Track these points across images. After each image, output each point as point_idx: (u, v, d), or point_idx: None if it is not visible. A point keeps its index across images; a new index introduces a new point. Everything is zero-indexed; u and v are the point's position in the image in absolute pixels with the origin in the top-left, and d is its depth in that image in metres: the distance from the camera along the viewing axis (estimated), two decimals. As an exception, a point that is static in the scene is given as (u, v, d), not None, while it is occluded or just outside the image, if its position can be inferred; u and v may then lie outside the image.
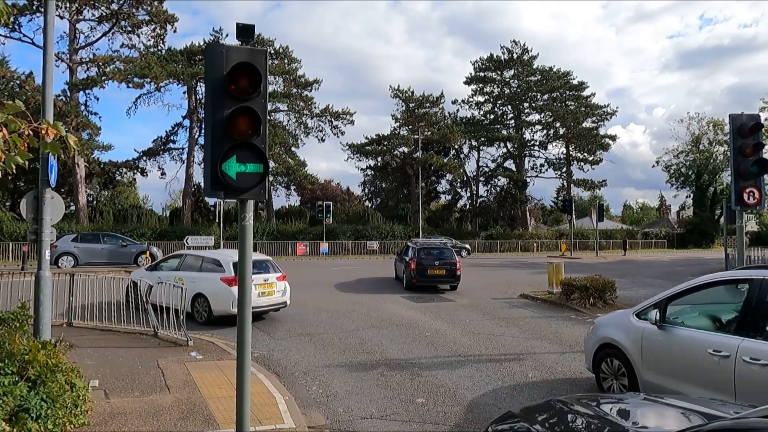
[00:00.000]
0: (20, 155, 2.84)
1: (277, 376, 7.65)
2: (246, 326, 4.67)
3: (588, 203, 67.79)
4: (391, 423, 5.95)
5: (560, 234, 54.09)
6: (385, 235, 43.80)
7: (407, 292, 16.96)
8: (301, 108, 47.34)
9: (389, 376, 7.72)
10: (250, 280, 4.77)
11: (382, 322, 11.82)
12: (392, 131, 51.79)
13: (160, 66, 38.43)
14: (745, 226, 9.67)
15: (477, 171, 57.75)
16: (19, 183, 40.76)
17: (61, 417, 5.00)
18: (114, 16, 38.12)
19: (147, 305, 9.90)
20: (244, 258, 4.68)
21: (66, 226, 31.16)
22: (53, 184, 7.28)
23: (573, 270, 20.64)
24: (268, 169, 4.52)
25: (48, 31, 7.21)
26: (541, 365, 8.38)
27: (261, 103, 4.55)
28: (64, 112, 33.56)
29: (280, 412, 5.98)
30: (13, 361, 5.02)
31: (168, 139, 44.73)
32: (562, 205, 49.78)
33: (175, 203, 57.30)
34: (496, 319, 12.24)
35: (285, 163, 45.29)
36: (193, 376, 7.34)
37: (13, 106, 2.71)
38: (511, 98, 55.28)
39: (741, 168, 8.75)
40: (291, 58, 46.66)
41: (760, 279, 4.89)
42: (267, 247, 36.86)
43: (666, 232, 61.43)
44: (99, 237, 26.30)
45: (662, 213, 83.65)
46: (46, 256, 7.33)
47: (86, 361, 7.65)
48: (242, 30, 4.73)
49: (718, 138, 57.88)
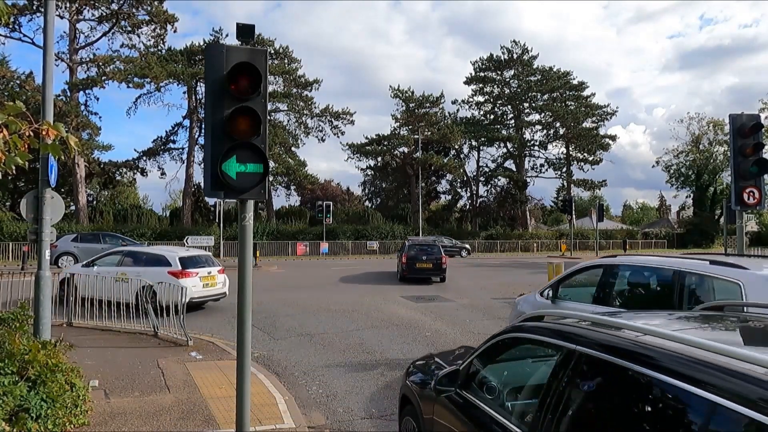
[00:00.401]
0: (20, 156, 2.84)
1: (277, 376, 7.66)
2: (246, 326, 4.67)
3: (588, 203, 67.76)
4: (391, 423, 5.95)
5: (560, 234, 54.07)
6: (385, 235, 43.80)
7: (407, 292, 16.96)
8: (301, 108, 47.34)
9: (389, 376, 7.72)
10: (250, 280, 4.78)
11: (383, 322, 11.82)
12: (392, 131, 51.81)
13: (160, 66, 38.45)
14: (745, 226, 9.67)
15: (477, 171, 57.77)
16: (19, 183, 40.77)
17: (61, 417, 5.00)
18: (114, 16, 38.13)
19: (147, 305, 9.91)
20: (243, 258, 4.68)
21: (66, 226, 31.17)
22: (53, 184, 7.28)
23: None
24: (268, 169, 4.52)
25: (48, 31, 7.21)
26: (541, 365, 8.38)
27: (261, 103, 4.55)
28: (64, 112, 33.57)
29: (280, 412, 5.98)
30: (13, 361, 5.02)
31: (168, 139, 44.73)
32: (562, 205, 49.78)
33: (175, 203, 57.30)
34: (496, 319, 12.24)
35: (285, 163, 45.30)
36: (193, 376, 7.34)
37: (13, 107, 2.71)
38: (511, 98, 55.26)
39: (741, 168, 8.76)
40: (291, 58, 46.67)
41: (608, 264, 6.58)
42: (267, 247, 36.85)
43: (666, 232, 61.41)
44: (99, 237, 26.31)
45: (662, 213, 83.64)
46: (46, 256, 7.33)
47: (86, 361, 7.65)
48: (242, 30, 4.74)
49: (718, 138, 57.84)
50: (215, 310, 13.06)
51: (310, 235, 41.07)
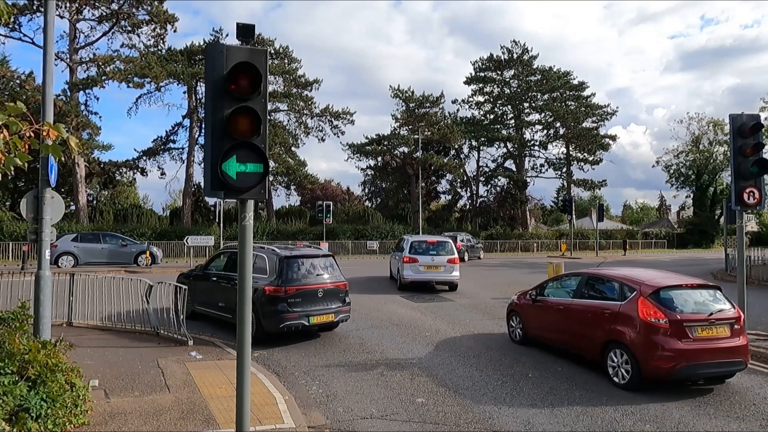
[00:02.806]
0: (20, 157, 2.84)
1: (277, 376, 7.66)
2: (246, 326, 4.68)
3: (588, 203, 67.75)
4: (391, 423, 5.96)
5: (560, 234, 54.03)
6: (385, 235, 43.77)
7: (407, 292, 16.93)
8: (301, 108, 47.29)
9: (389, 376, 7.73)
10: (250, 280, 4.78)
11: (382, 322, 11.82)
12: (392, 131, 51.76)
13: (160, 66, 38.38)
14: (745, 226, 9.67)
15: (477, 171, 57.73)
16: (19, 183, 40.75)
17: (61, 417, 5.01)
18: (114, 16, 38.09)
19: (147, 305, 9.90)
20: (244, 258, 4.69)
21: (66, 225, 31.13)
22: (53, 183, 7.29)
23: (573, 270, 20.61)
24: (268, 169, 4.53)
25: (48, 30, 7.21)
26: (541, 364, 8.39)
27: (261, 103, 4.55)
28: (64, 112, 33.53)
29: (280, 412, 5.98)
30: (13, 360, 5.02)
31: (168, 139, 44.66)
32: (562, 205, 49.77)
33: (175, 203, 57.26)
34: (495, 319, 12.24)
35: (285, 163, 45.26)
36: (193, 375, 7.34)
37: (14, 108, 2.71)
38: (511, 98, 55.22)
39: (741, 168, 8.77)
40: (291, 58, 46.61)
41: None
42: (267, 247, 36.81)
43: (666, 232, 61.40)
44: (99, 237, 26.27)
45: (662, 213, 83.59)
46: (46, 256, 7.34)
47: (86, 360, 7.65)
48: (242, 30, 4.73)
49: (718, 138, 57.81)
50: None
51: (310, 235, 41.03)
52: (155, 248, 27.18)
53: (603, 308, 7.83)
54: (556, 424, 5.96)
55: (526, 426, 5.91)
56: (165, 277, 12.23)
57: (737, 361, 7.17)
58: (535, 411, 6.37)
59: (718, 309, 7.28)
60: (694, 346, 6.91)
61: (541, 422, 6.01)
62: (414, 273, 17.14)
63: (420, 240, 18.31)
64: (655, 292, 7.27)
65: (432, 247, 17.69)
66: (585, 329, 8.08)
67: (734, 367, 7.26)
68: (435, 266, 17.24)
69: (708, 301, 7.43)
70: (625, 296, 7.54)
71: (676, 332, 6.92)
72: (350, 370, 7.99)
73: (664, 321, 6.98)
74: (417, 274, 17.13)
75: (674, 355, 6.83)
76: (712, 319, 7.13)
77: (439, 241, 18.25)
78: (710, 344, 7.02)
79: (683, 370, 6.89)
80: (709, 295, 7.54)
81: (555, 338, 8.93)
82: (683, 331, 6.95)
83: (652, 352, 6.94)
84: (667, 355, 6.85)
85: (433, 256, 17.33)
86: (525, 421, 6.03)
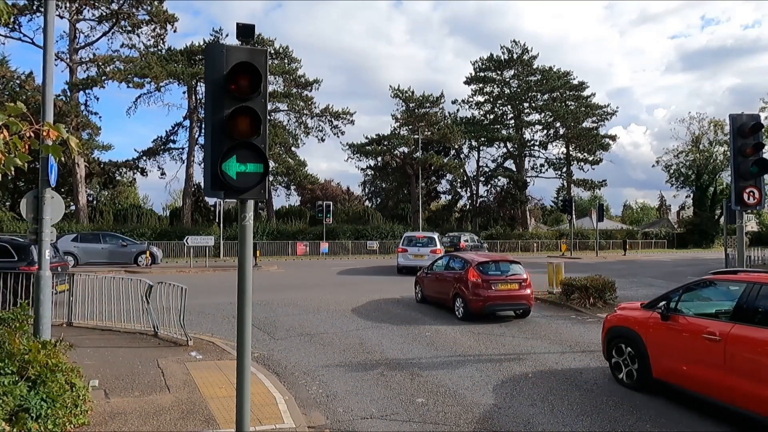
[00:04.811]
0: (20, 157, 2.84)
1: (277, 376, 7.66)
2: (246, 326, 4.67)
3: (588, 203, 67.79)
4: (391, 423, 5.96)
5: (560, 234, 54.03)
6: (385, 235, 43.77)
7: (407, 292, 16.92)
8: (301, 108, 47.30)
9: (389, 376, 7.73)
10: (250, 280, 4.78)
11: (383, 322, 11.82)
12: (392, 131, 51.77)
13: (160, 66, 38.40)
14: (745, 226, 9.67)
15: (477, 171, 57.76)
16: (19, 183, 40.77)
17: (61, 417, 5.00)
18: (114, 16, 38.11)
19: (147, 305, 9.90)
20: (243, 258, 4.69)
21: (66, 225, 31.15)
22: (53, 183, 7.28)
23: (573, 270, 20.63)
24: (268, 169, 4.53)
25: (48, 30, 7.21)
26: (541, 365, 8.39)
27: (261, 103, 4.55)
28: (64, 112, 33.55)
29: (280, 412, 5.98)
30: (13, 360, 5.02)
31: (168, 139, 44.69)
32: (562, 205, 49.80)
33: (175, 203, 57.29)
34: (495, 319, 12.24)
35: (285, 163, 45.28)
36: (193, 375, 7.34)
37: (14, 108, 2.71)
38: (511, 98, 55.24)
39: (741, 168, 8.76)
40: (291, 58, 46.62)
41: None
42: (267, 247, 36.84)
43: (666, 232, 61.40)
44: (99, 237, 26.30)
45: (662, 213, 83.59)
46: (46, 256, 7.34)
47: (86, 361, 7.65)
48: (242, 30, 4.73)
49: (719, 138, 57.85)
50: (215, 310, 13.06)
51: (310, 235, 41.05)
52: (155, 248, 27.20)
53: (454, 274, 12.79)
54: (556, 424, 5.96)
55: (526, 426, 5.90)
56: (165, 277, 12.21)
57: (522, 303, 12.12)
58: (536, 411, 6.36)
59: (512, 273, 12.32)
60: (495, 293, 11.86)
61: (541, 422, 6.01)
62: (404, 260, 22.92)
63: (411, 235, 24.09)
64: (477, 264, 12.28)
65: (419, 240, 23.34)
66: (446, 287, 12.96)
67: (520, 306, 12.20)
68: (420, 255, 22.43)
69: (506, 269, 12.41)
70: (465, 267, 12.44)
71: (485, 286, 11.81)
72: (350, 370, 7.99)
73: (479, 280, 11.86)
74: (407, 261, 22.79)
75: (484, 298, 11.73)
76: (507, 279, 12.12)
77: (425, 236, 23.95)
78: (505, 293, 12.00)
79: (488, 307, 11.82)
80: (509, 265, 12.56)
81: (436, 296, 13.78)
82: (489, 285, 11.85)
83: (473, 297, 11.81)
84: (480, 299, 11.75)
85: (419, 247, 22.87)
86: (525, 421, 6.03)
